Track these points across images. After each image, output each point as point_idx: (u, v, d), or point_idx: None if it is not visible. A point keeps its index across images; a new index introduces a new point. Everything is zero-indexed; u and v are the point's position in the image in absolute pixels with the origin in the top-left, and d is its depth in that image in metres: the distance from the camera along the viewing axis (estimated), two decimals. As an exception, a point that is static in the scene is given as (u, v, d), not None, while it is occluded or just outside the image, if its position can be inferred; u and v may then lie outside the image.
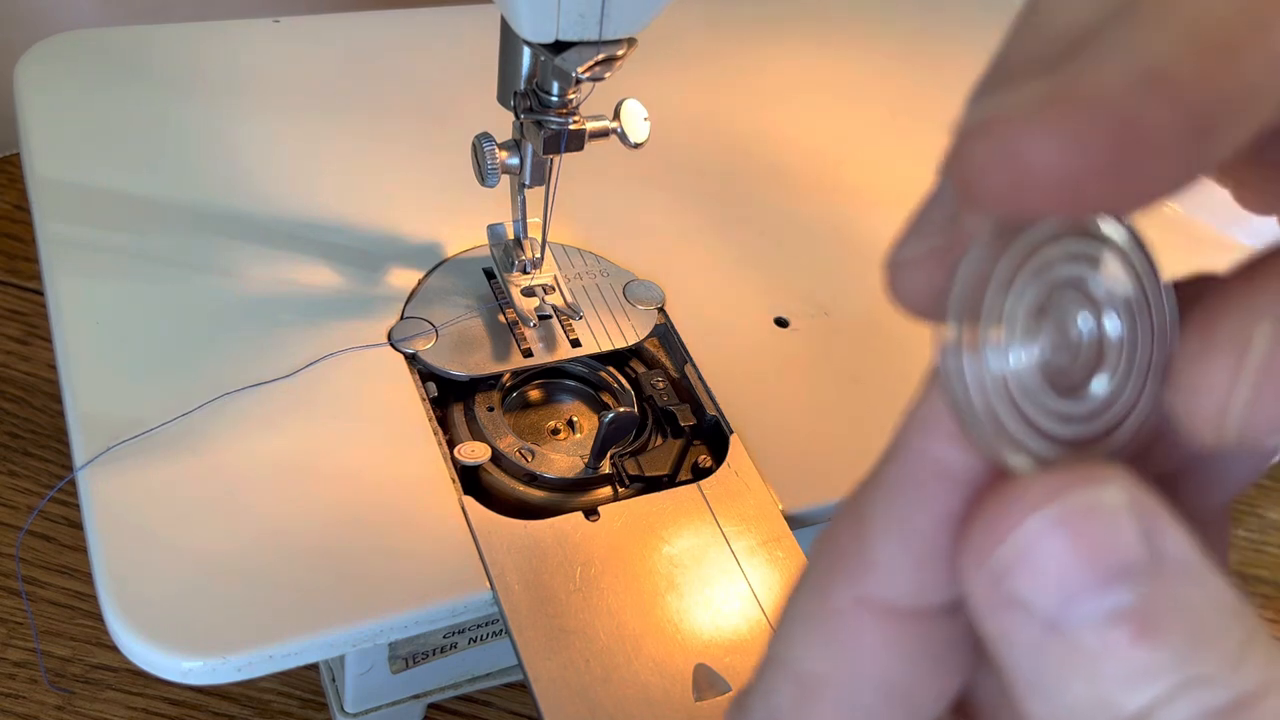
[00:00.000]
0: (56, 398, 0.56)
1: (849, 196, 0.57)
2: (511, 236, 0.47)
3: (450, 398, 0.44)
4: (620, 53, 0.37)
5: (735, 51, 0.64)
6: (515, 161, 0.43)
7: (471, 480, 0.42)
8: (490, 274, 0.48)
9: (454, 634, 0.43)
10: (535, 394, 0.47)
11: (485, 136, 0.43)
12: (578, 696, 0.35)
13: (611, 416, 0.41)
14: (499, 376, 0.45)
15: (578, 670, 0.36)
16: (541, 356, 0.45)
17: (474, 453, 0.42)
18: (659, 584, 0.39)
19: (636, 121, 0.43)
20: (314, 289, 0.46)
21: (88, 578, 0.42)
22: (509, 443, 0.43)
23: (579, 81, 0.39)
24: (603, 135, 0.42)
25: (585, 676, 0.36)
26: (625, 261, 0.50)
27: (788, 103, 0.62)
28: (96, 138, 0.50)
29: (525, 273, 0.47)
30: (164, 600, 0.36)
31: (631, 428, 0.43)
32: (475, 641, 0.44)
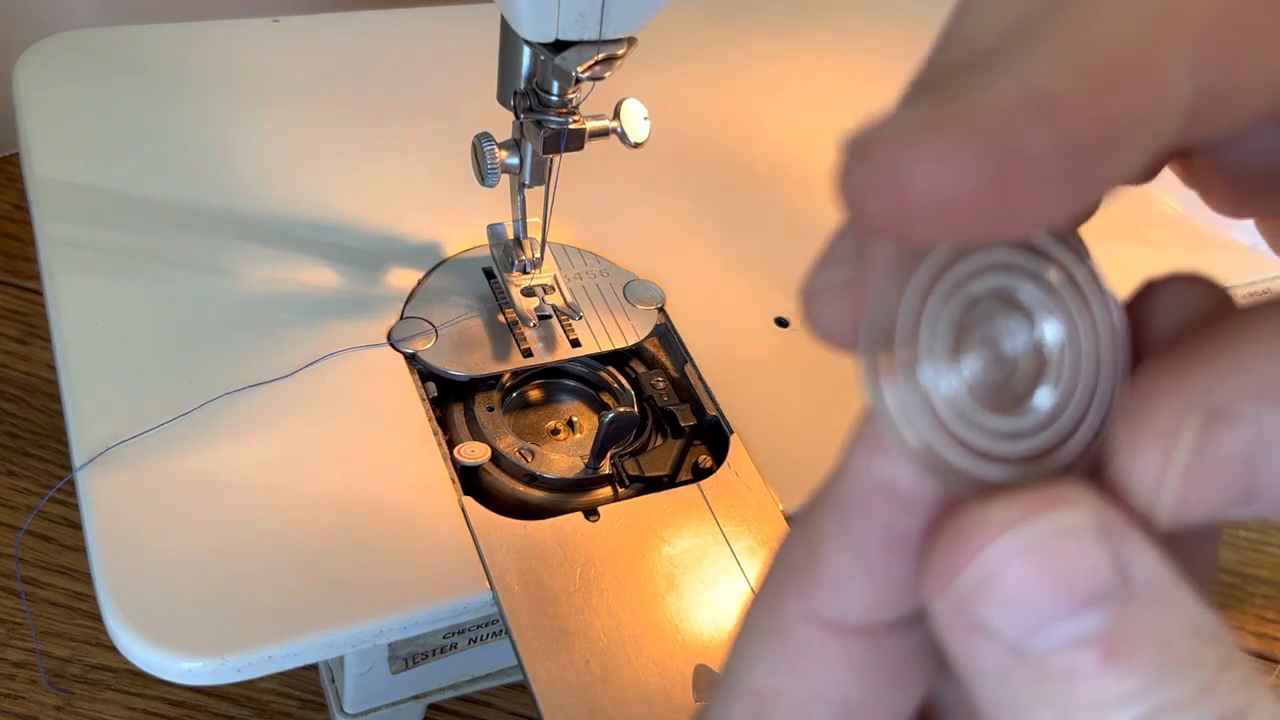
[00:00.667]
0: (56, 398, 0.56)
1: (849, 196, 0.56)
2: (511, 236, 0.47)
3: (450, 398, 0.44)
4: (620, 52, 0.37)
5: (735, 51, 0.64)
6: (515, 161, 0.43)
7: (471, 480, 0.42)
8: (490, 274, 0.48)
9: (454, 634, 0.43)
10: (535, 394, 0.47)
11: (485, 136, 0.43)
12: (577, 697, 0.35)
13: (611, 416, 0.41)
14: (499, 376, 0.45)
15: (577, 671, 0.36)
16: (541, 356, 0.45)
17: (474, 453, 0.42)
18: (659, 584, 0.39)
19: (636, 121, 0.43)
20: (313, 289, 0.46)
21: (87, 578, 0.42)
22: (509, 443, 0.43)
23: (579, 81, 0.39)
24: (603, 135, 0.42)
25: (585, 677, 0.36)
26: (625, 261, 0.50)
27: (788, 102, 0.61)
28: (96, 137, 0.50)
29: (525, 273, 0.47)
30: (163, 600, 0.35)
31: (631, 428, 0.43)
32: (475, 642, 0.44)
